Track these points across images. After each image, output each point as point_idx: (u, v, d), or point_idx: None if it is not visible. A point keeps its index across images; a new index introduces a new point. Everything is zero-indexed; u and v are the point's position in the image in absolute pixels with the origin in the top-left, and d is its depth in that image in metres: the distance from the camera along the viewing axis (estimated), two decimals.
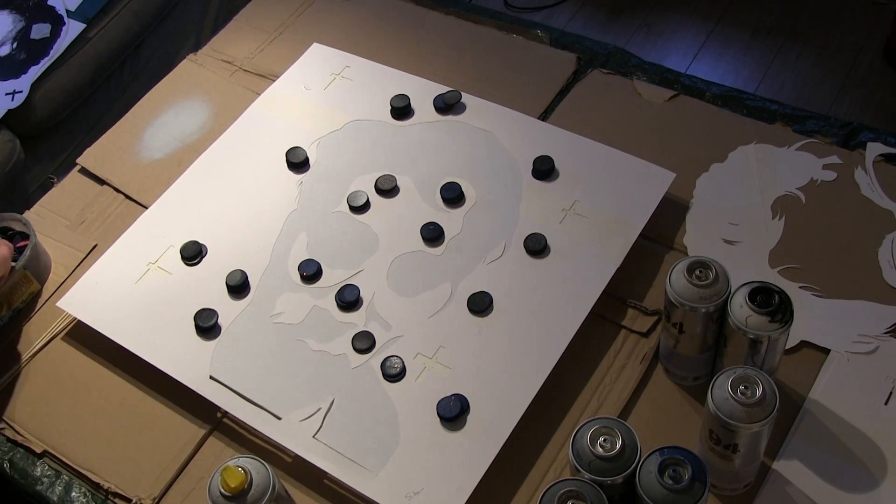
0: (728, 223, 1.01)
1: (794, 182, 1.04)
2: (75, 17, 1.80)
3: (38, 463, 0.95)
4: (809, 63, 2.27)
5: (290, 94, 1.21)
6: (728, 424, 0.73)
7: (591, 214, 1.01)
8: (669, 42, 2.40)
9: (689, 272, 0.81)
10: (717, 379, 0.75)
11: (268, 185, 1.11)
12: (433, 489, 0.84)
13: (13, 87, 1.71)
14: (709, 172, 1.06)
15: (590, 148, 1.08)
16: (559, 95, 1.17)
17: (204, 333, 0.97)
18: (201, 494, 0.90)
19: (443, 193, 1.06)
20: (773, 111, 1.11)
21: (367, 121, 1.16)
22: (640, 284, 0.97)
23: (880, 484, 0.81)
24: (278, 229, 1.06)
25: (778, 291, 0.78)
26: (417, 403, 0.90)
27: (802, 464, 0.83)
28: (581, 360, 0.93)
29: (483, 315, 0.95)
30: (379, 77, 1.20)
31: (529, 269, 0.98)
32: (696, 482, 0.71)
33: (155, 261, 1.05)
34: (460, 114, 1.14)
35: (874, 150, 1.05)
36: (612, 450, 0.74)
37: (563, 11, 2.52)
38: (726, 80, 2.22)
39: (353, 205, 1.06)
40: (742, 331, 0.78)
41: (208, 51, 1.33)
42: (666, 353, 0.90)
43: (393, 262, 1.01)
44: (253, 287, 1.01)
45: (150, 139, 1.22)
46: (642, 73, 1.19)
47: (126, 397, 0.98)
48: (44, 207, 1.18)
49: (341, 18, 1.33)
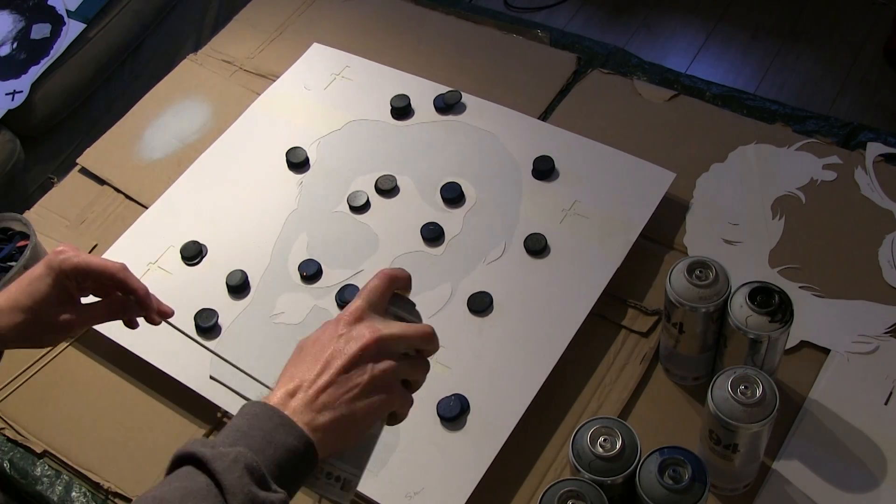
0: (728, 223, 1.01)
1: (794, 182, 1.04)
2: (75, 17, 1.80)
3: (38, 463, 0.95)
4: (809, 63, 2.27)
5: (290, 94, 1.21)
6: (728, 424, 0.73)
7: (592, 214, 1.01)
8: (669, 42, 2.40)
9: (689, 272, 0.81)
10: (717, 379, 0.75)
11: (268, 185, 1.11)
12: (433, 489, 0.84)
13: (13, 87, 1.71)
14: (709, 172, 1.06)
15: (590, 148, 1.08)
16: (559, 95, 1.17)
17: (204, 333, 0.97)
18: None
19: (443, 193, 1.06)
20: (773, 111, 1.11)
21: (367, 121, 1.16)
22: (640, 284, 0.97)
23: (880, 484, 0.81)
24: (278, 229, 1.06)
25: (778, 291, 0.78)
26: (417, 403, 0.90)
27: (802, 464, 0.83)
28: (581, 360, 0.93)
29: (483, 315, 0.95)
30: (379, 77, 1.20)
31: (529, 269, 0.98)
32: (696, 482, 0.71)
33: (155, 261, 1.05)
34: (460, 114, 1.14)
35: (874, 150, 1.05)
36: (612, 450, 0.74)
37: (563, 11, 2.52)
38: (726, 80, 2.22)
39: (353, 205, 1.06)
40: (742, 331, 0.78)
41: (208, 51, 1.33)
42: (666, 353, 0.90)
43: (393, 263, 1.01)
44: (253, 287, 1.01)
45: (150, 139, 1.22)
46: (642, 73, 1.19)
47: (126, 397, 0.98)
48: (44, 207, 1.18)
49: (341, 18, 1.33)
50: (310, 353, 0.64)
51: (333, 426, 0.60)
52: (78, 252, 0.79)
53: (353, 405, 0.61)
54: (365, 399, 0.62)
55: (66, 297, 0.80)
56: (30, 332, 0.79)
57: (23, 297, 0.79)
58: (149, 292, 0.82)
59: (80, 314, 0.81)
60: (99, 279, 0.80)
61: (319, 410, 0.60)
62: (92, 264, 0.79)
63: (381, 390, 0.62)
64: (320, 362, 0.62)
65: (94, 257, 0.80)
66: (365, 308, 0.65)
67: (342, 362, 0.62)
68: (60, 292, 0.79)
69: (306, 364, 0.63)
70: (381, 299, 0.66)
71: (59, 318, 0.80)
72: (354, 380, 0.61)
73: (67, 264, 0.78)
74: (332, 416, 0.60)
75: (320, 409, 0.60)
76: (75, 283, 0.80)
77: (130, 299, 0.82)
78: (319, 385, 0.61)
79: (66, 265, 0.78)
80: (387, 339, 0.63)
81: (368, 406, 0.62)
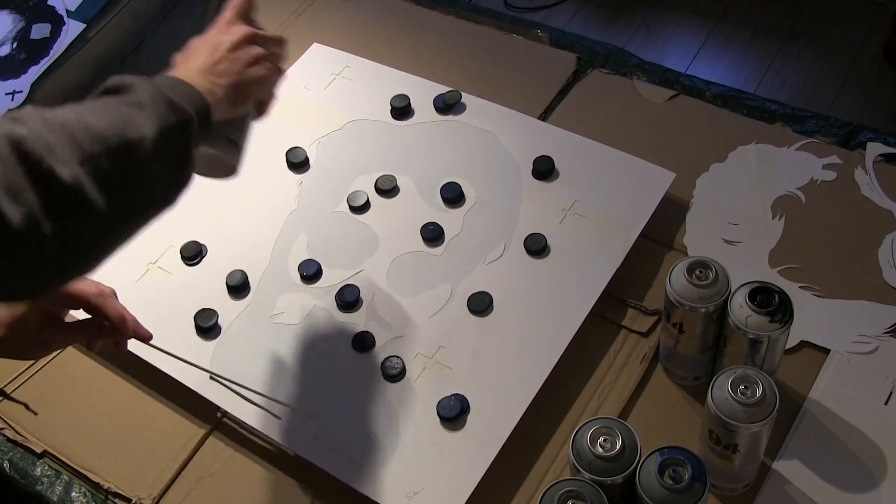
0: (728, 223, 1.01)
1: (794, 182, 1.04)
2: (75, 17, 1.80)
3: (38, 463, 0.95)
4: (809, 63, 2.27)
5: (290, 94, 1.20)
6: (728, 424, 0.73)
7: (591, 214, 1.01)
8: (669, 42, 2.40)
9: (689, 272, 0.81)
10: (717, 379, 0.75)
11: (268, 185, 1.11)
12: (433, 489, 0.84)
13: (13, 87, 1.71)
14: (709, 172, 1.06)
15: (590, 148, 1.08)
16: (559, 95, 1.17)
17: (204, 333, 0.97)
18: (201, 494, 0.90)
19: (443, 193, 1.06)
20: (773, 111, 1.11)
21: (367, 121, 1.16)
22: (640, 284, 0.97)
23: (880, 484, 0.81)
24: (278, 229, 1.06)
25: (778, 291, 0.78)
26: (417, 403, 0.90)
27: (802, 464, 0.83)
28: (581, 360, 0.93)
29: (483, 315, 0.95)
30: (379, 77, 1.20)
31: (529, 269, 0.98)
32: (696, 482, 0.71)
33: (155, 261, 1.05)
34: (460, 114, 1.14)
35: (874, 150, 1.05)
36: (612, 450, 0.74)
37: (563, 11, 2.52)
38: (726, 80, 2.21)
39: (353, 205, 1.06)
40: (742, 331, 0.78)
41: None
42: (666, 353, 0.90)
43: (393, 262, 1.01)
44: (253, 287, 1.01)
45: None
46: (642, 73, 1.19)
47: (126, 397, 0.98)
48: None
49: (341, 18, 1.33)
50: (198, 47, 0.77)
51: (228, 91, 0.74)
52: None
53: (242, 74, 0.76)
54: (251, 71, 0.77)
55: (47, 315, 0.81)
56: (9, 347, 0.80)
57: (2, 311, 0.79)
58: (125, 319, 0.84)
59: (58, 333, 0.82)
60: (74, 301, 0.81)
61: (217, 76, 0.74)
62: (69, 289, 0.80)
63: (259, 68, 0.78)
64: (210, 46, 0.77)
65: None
66: (234, 17, 0.81)
67: (229, 44, 0.77)
68: (40, 311, 0.80)
69: (198, 52, 0.77)
70: (244, 14, 0.82)
71: (39, 336, 0.81)
72: (240, 57, 0.77)
73: None
74: (228, 82, 0.75)
75: (217, 75, 0.74)
76: (57, 301, 0.80)
77: (105, 325, 0.83)
78: (215, 59, 0.76)
79: None
80: (258, 34, 0.80)
81: (252, 77, 0.77)
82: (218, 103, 0.73)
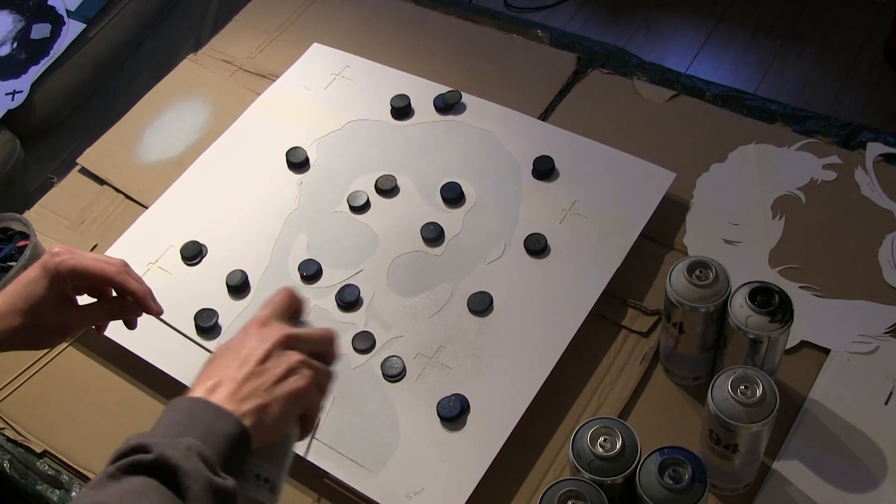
0: (728, 223, 1.01)
1: (794, 182, 1.04)
2: (75, 17, 1.80)
3: (38, 463, 0.95)
4: (809, 63, 2.27)
5: (290, 95, 1.21)
6: (728, 424, 0.73)
7: (591, 214, 1.01)
8: (669, 42, 2.40)
9: (689, 272, 0.81)
10: (717, 379, 0.75)
11: (268, 185, 1.11)
12: (433, 489, 0.84)
13: (13, 87, 1.71)
14: (709, 172, 1.06)
15: (590, 148, 1.08)
16: (559, 95, 1.17)
17: (204, 333, 0.97)
18: None
19: (443, 193, 1.06)
20: (773, 111, 1.11)
21: (367, 121, 1.16)
22: (640, 284, 0.97)
23: (880, 484, 0.81)
24: (278, 229, 1.06)
25: (778, 291, 0.78)
26: (417, 403, 0.90)
27: (802, 464, 0.83)
28: (581, 360, 0.93)
29: (483, 315, 0.95)
30: (379, 77, 1.20)
31: (529, 269, 0.98)
32: (696, 482, 0.71)
33: (155, 261, 1.05)
34: (460, 114, 1.14)
35: (874, 150, 1.05)
36: (612, 450, 0.74)
37: (563, 11, 2.52)
38: (726, 80, 2.21)
39: (353, 205, 1.06)
40: (742, 331, 0.78)
41: (208, 51, 1.33)
42: (666, 353, 0.90)
43: (393, 263, 1.01)
44: (253, 287, 1.01)
45: (150, 139, 1.22)
46: (642, 73, 1.19)
47: (126, 397, 0.98)
48: (44, 207, 1.18)
49: (341, 18, 1.33)
50: (224, 355, 0.66)
51: (257, 415, 0.62)
52: (73, 253, 0.79)
53: (273, 392, 0.63)
54: (283, 386, 0.64)
55: (63, 299, 0.80)
56: (27, 335, 0.79)
57: (19, 300, 0.78)
58: (146, 293, 0.82)
59: (77, 316, 0.81)
60: (96, 281, 0.80)
61: (242, 400, 0.62)
62: (89, 267, 0.79)
63: (296, 379, 0.64)
64: (237, 360, 0.65)
65: (90, 258, 0.80)
66: (271, 316, 0.69)
67: (258, 356, 0.64)
68: (57, 295, 0.79)
69: (223, 363, 0.65)
70: (285, 312, 0.70)
71: (57, 321, 0.80)
72: (271, 370, 0.64)
73: (63, 267, 0.78)
74: (256, 405, 0.62)
75: (243, 399, 0.62)
76: (71, 285, 0.80)
77: (128, 300, 0.82)
78: (240, 378, 0.63)
79: (62, 268, 0.78)
80: (295, 335, 0.67)
81: (287, 394, 0.64)
82: None
